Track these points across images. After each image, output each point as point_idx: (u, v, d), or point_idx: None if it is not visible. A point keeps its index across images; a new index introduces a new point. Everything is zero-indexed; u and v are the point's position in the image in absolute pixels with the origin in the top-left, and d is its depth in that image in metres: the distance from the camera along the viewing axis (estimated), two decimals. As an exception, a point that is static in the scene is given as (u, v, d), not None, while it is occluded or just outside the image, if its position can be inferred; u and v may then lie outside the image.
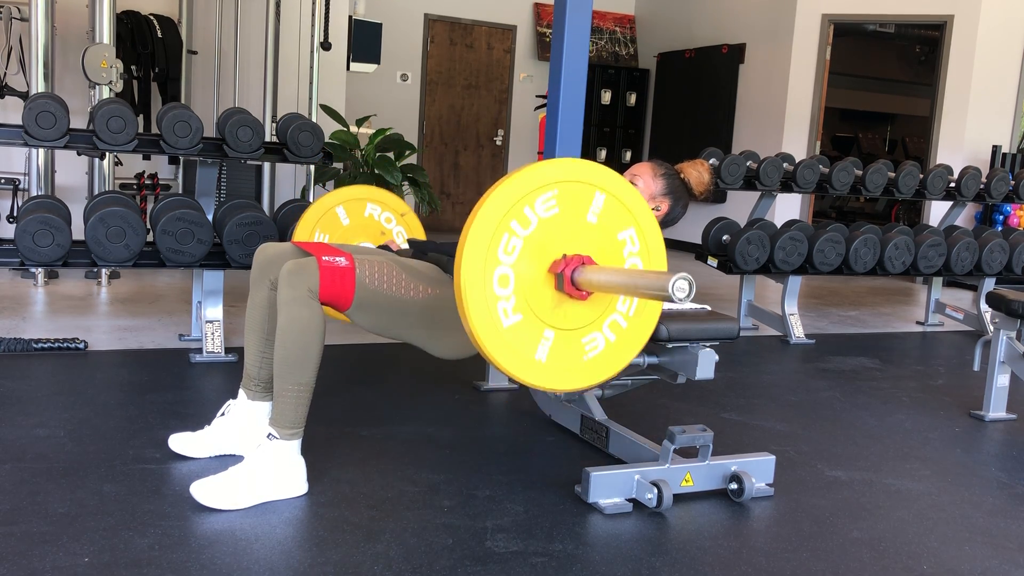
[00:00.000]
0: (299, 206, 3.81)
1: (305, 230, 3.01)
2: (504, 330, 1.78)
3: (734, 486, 2.36)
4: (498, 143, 9.44)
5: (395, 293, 2.17)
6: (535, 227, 1.82)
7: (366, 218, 3.06)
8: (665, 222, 2.56)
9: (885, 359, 4.40)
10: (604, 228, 1.89)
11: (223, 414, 2.43)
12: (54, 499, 2.09)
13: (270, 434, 2.15)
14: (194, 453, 2.39)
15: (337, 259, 2.14)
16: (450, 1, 8.93)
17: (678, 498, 2.31)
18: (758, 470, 2.43)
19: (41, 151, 4.92)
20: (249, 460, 2.15)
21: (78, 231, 3.32)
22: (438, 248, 2.35)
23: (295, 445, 2.18)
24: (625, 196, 1.92)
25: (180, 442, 2.39)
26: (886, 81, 10.48)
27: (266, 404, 2.41)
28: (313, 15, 6.14)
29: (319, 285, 2.11)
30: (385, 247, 2.74)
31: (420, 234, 3.14)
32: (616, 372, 1.94)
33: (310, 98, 6.18)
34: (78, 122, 3.75)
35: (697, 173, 2.60)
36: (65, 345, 3.45)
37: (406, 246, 2.80)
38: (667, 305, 2.46)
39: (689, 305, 2.48)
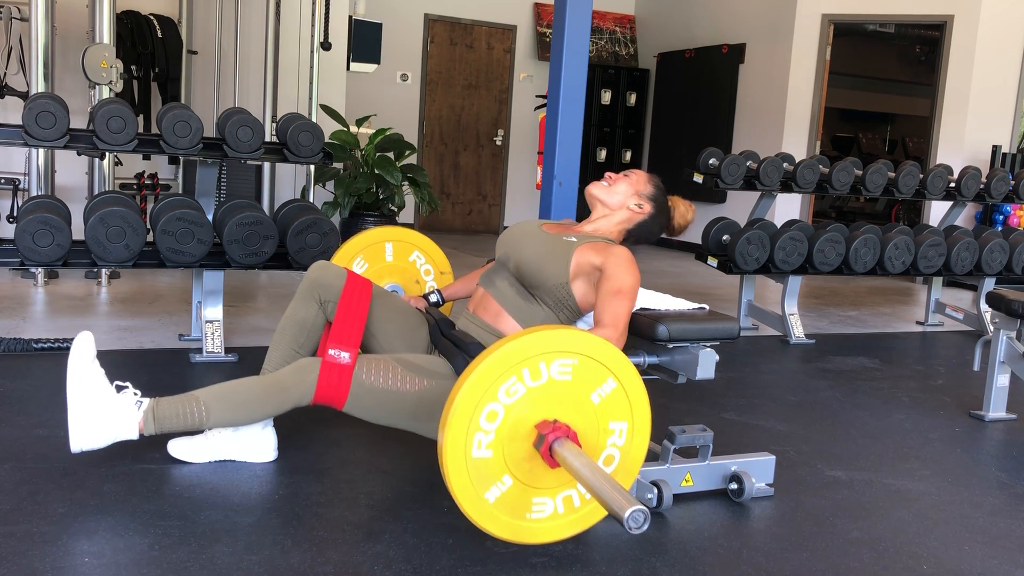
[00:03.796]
0: (308, 214, 3.81)
1: (351, 252, 3.05)
2: (471, 458, 1.83)
3: (734, 486, 2.36)
4: (498, 143, 9.44)
5: (390, 387, 2.24)
6: (542, 383, 1.86)
7: (409, 262, 3.12)
8: (638, 230, 2.55)
9: (885, 359, 4.40)
10: (602, 411, 1.94)
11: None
12: (54, 499, 2.09)
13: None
14: (193, 458, 2.37)
15: (342, 354, 2.22)
16: (450, 1, 8.93)
17: (678, 498, 2.31)
18: (758, 470, 2.43)
19: (41, 151, 4.92)
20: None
21: (78, 231, 3.32)
22: (454, 339, 2.36)
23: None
24: (633, 392, 1.96)
25: (179, 447, 2.38)
26: (886, 81, 10.48)
27: None
28: (313, 15, 6.14)
29: (316, 386, 2.21)
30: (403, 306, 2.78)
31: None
32: (545, 542, 1.97)
33: (310, 98, 6.18)
34: (78, 122, 3.74)
35: (684, 208, 2.66)
36: (65, 345, 3.45)
37: (434, 298, 2.84)
38: (666, 305, 2.47)
39: (689, 305, 2.48)
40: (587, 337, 1.89)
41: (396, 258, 3.10)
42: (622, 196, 2.55)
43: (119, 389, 2.21)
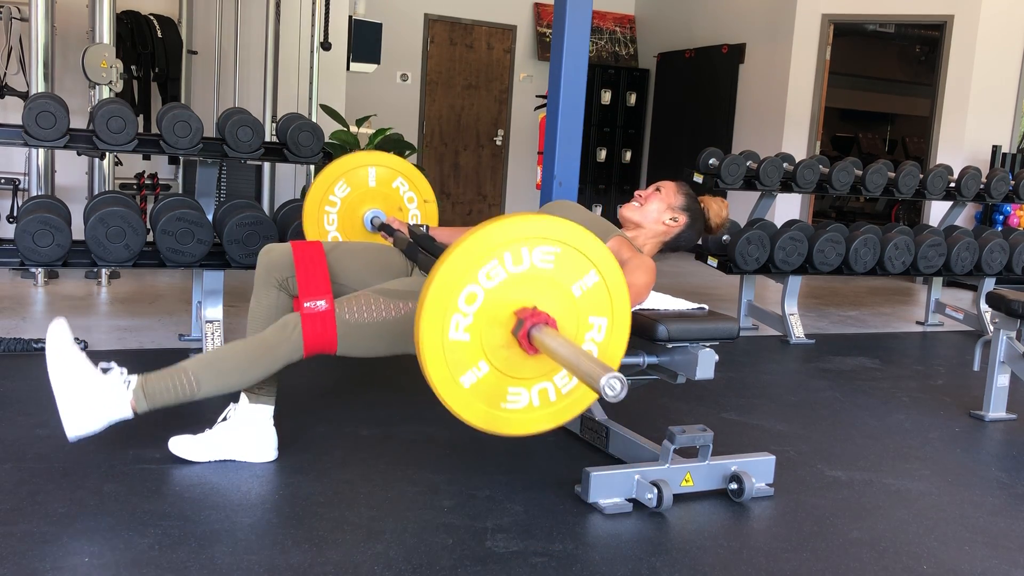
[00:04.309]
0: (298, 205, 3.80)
1: (333, 174, 3.01)
2: (448, 340, 1.80)
3: (734, 486, 2.36)
4: (498, 143, 9.44)
5: (375, 319, 2.24)
6: (523, 270, 1.84)
7: (392, 188, 3.08)
8: (675, 242, 2.63)
9: (885, 359, 4.40)
10: (582, 305, 1.92)
11: (225, 418, 2.42)
12: (54, 499, 2.09)
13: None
14: (194, 457, 2.37)
15: (318, 303, 2.22)
16: (450, 1, 8.92)
17: (678, 498, 2.31)
18: (758, 470, 2.43)
19: (41, 151, 4.92)
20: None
21: (78, 231, 3.32)
22: (435, 251, 2.36)
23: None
24: (614, 288, 1.94)
25: (180, 446, 2.38)
26: (886, 81, 10.47)
27: (268, 407, 2.40)
28: (313, 15, 6.14)
29: (303, 340, 2.20)
30: (386, 227, 2.81)
31: (434, 222, 3.15)
32: (519, 434, 1.96)
33: (310, 98, 6.18)
34: (78, 122, 3.74)
35: (718, 206, 2.69)
36: (65, 345, 3.45)
37: (421, 231, 2.82)
38: (666, 305, 2.47)
39: (689, 305, 2.48)
40: (572, 227, 1.88)
41: (379, 184, 3.06)
42: (656, 213, 2.61)
43: (105, 371, 2.18)
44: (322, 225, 3.03)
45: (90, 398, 2.12)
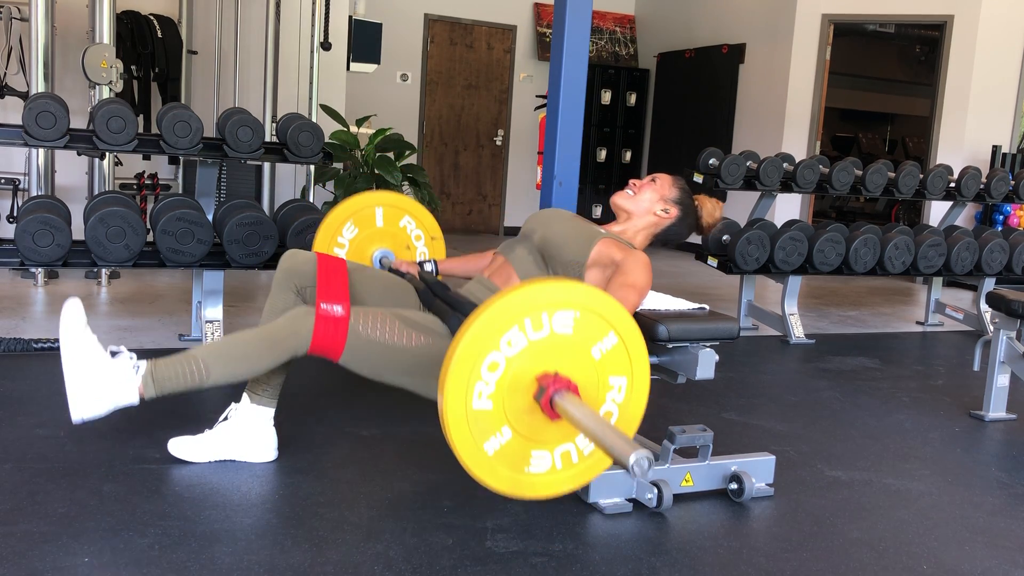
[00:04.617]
0: (308, 214, 3.80)
1: (341, 217, 3.01)
2: (471, 409, 1.82)
3: (734, 486, 2.36)
4: (498, 143, 9.44)
5: (387, 340, 2.20)
6: (544, 336, 1.85)
7: (399, 227, 3.09)
8: (665, 234, 2.60)
9: (885, 359, 4.40)
10: (602, 366, 1.93)
11: (226, 418, 2.42)
12: (54, 499, 2.09)
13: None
14: (194, 458, 2.37)
15: (335, 307, 2.19)
16: (450, 1, 8.92)
17: (678, 498, 2.31)
18: (758, 470, 2.43)
19: (41, 151, 4.92)
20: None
21: (78, 231, 3.32)
22: (449, 300, 2.35)
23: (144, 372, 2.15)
24: (633, 348, 1.95)
25: (180, 446, 2.37)
26: (886, 81, 10.48)
27: (269, 410, 2.40)
28: (313, 15, 6.13)
29: (311, 336, 2.16)
30: (395, 271, 2.78)
31: (442, 257, 3.15)
32: (544, 496, 1.96)
33: (310, 98, 6.17)
34: (78, 122, 3.74)
35: (711, 206, 2.68)
36: (65, 345, 3.45)
37: (429, 267, 2.84)
38: (666, 305, 2.47)
39: (689, 305, 2.48)
40: (590, 290, 1.89)
41: (387, 223, 3.07)
42: (648, 203, 2.59)
43: (114, 354, 2.14)
44: None
45: (99, 382, 2.08)
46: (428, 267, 2.83)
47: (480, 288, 2.50)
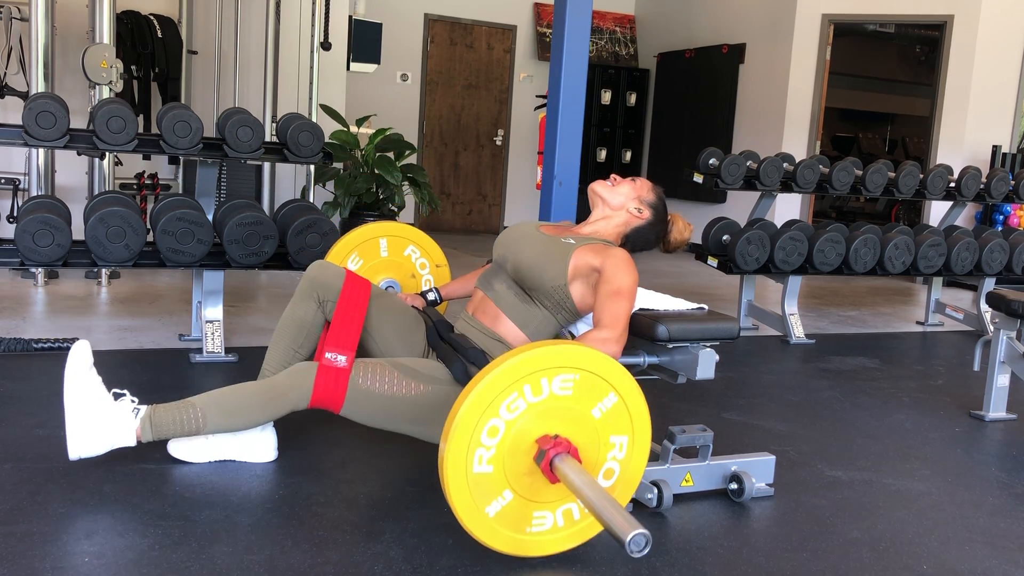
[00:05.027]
0: (308, 214, 3.80)
1: (345, 249, 3.05)
2: (472, 474, 1.83)
3: (734, 486, 2.36)
4: (498, 143, 9.44)
5: (386, 391, 2.24)
6: (544, 399, 1.86)
7: (404, 256, 3.13)
8: (635, 234, 2.56)
9: (885, 359, 4.40)
10: (603, 426, 1.93)
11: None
12: (54, 499, 2.09)
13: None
14: (194, 458, 2.37)
15: (339, 357, 2.24)
16: (450, 1, 8.93)
17: (678, 498, 2.31)
18: (758, 470, 2.43)
19: (41, 151, 4.92)
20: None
21: (78, 231, 3.32)
22: (454, 344, 2.37)
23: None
24: (634, 406, 1.95)
25: (179, 448, 2.38)
26: (886, 81, 10.48)
27: None
28: (313, 15, 6.13)
29: (312, 391, 2.22)
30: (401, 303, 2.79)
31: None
32: (546, 554, 1.96)
33: (310, 98, 6.18)
34: (78, 122, 3.74)
35: (683, 225, 2.66)
36: (65, 345, 3.45)
37: (432, 296, 2.85)
38: (666, 305, 2.47)
39: (688, 305, 2.48)
40: (589, 352, 1.89)
41: (391, 253, 3.10)
42: (623, 198, 2.56)
43: (116, 396, 2.22)
44: None
45: (98, 423, 2.16)
46: (431, 296, 2.85)
47: (469, 329, 2.49)
